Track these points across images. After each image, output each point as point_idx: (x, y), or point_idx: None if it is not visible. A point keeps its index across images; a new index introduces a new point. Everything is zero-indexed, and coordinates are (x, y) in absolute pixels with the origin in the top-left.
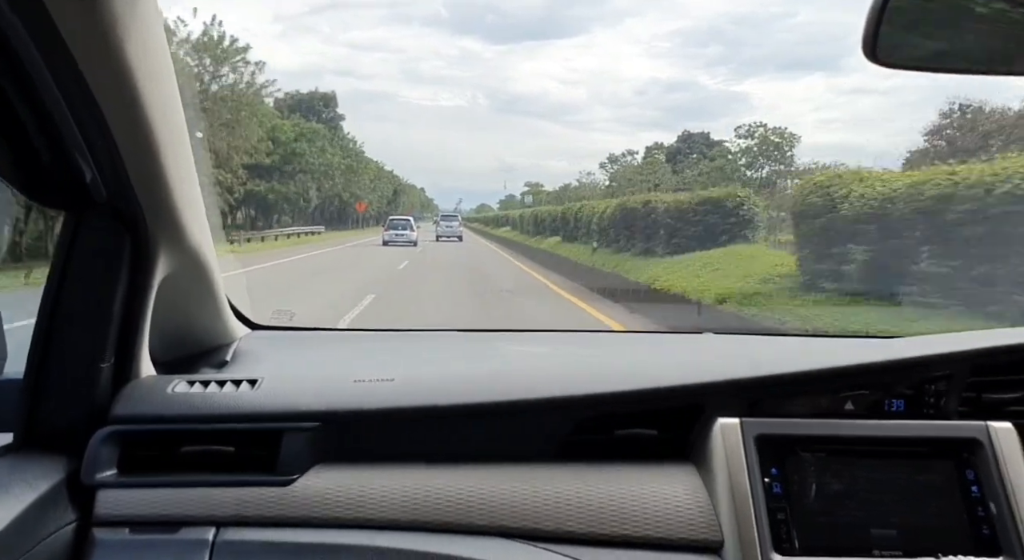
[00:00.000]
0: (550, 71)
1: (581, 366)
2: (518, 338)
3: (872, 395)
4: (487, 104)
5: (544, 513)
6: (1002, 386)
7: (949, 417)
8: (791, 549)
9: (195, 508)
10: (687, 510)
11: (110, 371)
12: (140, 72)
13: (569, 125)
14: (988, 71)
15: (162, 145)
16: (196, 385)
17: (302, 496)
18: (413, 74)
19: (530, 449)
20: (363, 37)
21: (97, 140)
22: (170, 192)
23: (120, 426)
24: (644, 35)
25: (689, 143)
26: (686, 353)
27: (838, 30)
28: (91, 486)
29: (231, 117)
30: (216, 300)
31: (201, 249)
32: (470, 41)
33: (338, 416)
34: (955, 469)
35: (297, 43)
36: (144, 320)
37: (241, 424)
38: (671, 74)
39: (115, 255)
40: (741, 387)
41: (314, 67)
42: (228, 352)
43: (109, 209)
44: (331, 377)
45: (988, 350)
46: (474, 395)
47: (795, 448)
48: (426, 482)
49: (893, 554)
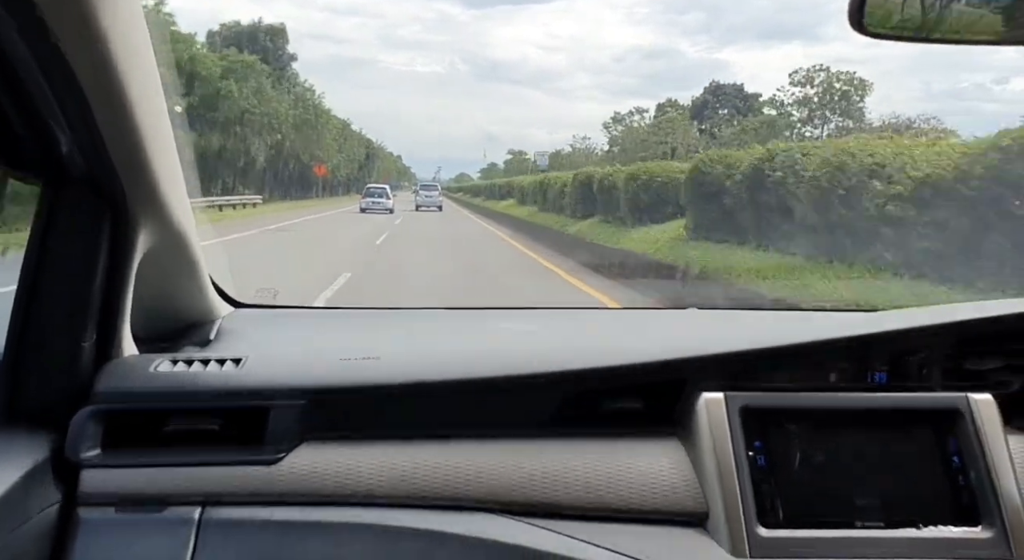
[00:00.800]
0: (530, 37)
1: (568, 342)
2: (505, 315)
3: (855, 367)
4: (466, 70)
5: (532, 487)
6: (983, 357)
7: (931, 388)
8: (775, 520)
9: (181, 486)
10: (672, 482)
11: (92, 349)
12: (117, 43)
13: (550, 92)
14: (973, 41)
15: (141, 117)
16: (180, 364)
17: (289, 473)
18: (391, 39)
19: (518, 424)
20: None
21: (73, 111)
22: (150, 166)
23: (103, 404)
24: (624, 1)
25: (719, 96)
26: (671, 328)
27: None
28: (75, 464)
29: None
30: (199, 278)
31: (182, 225)
32: (448, 4)
33: (325, 393)
34: (936, 439)
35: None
36: (125, 297)
37: (227, 402)
38: (651, 41)
39: (95, 230)
40: (725, 361)
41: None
42: (212, 330)
43: (87, 183)
44: (317, 355)
45: (969, 322)
46: (461, 372)
47: (779, 420)
48: (414, 458)
49: (875, 524)
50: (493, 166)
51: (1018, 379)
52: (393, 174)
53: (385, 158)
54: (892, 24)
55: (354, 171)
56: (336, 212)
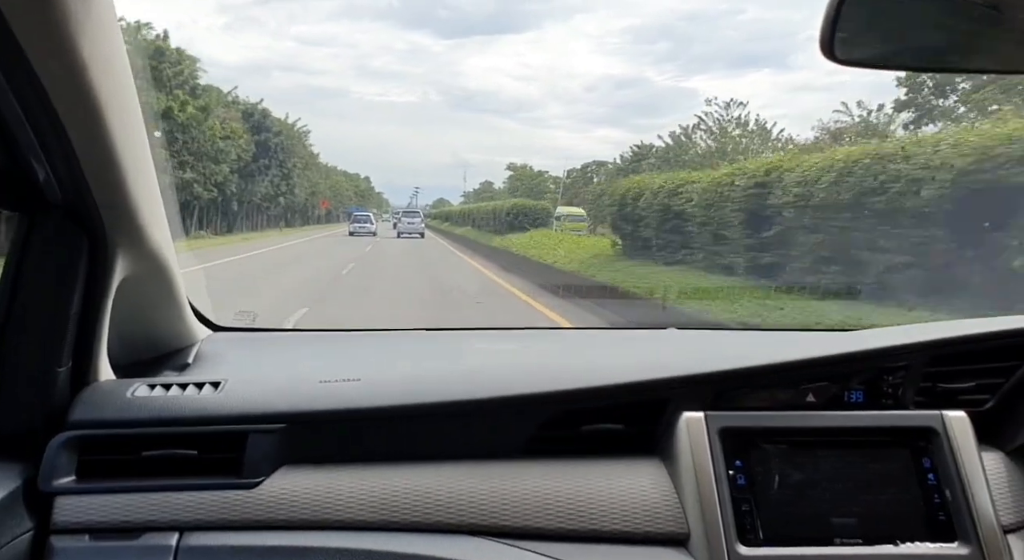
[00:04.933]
0: (503, 67)
1: (547, 363)
2: (484, 336)
3: (832, 387)
4: (440, 100)
5: (513, 510)
6: (957, 376)
7: (906, 407)
8: (756, 540)
9: (157, 513)
10: (654, 504)
11: (67, 375)
12: (95, 70)
13: (524, 122)
14: (940, 68)
15: (119, 144)
16: (157, 388)
17: (268, 498)
18: (364, 70)
19: (498, 446)
20: (313, 31)
21: (51, 139)
22: (128, 192)
23: (78, 431)
24: (595, 31)
25: (647, 153)
26: (651, 348)
27: (785, 27)
28: (49, 493)
29: None
30: (177, 302)
31: (161, 250)
32: (420, 35)
33: (304, 417)
34: (912, 457)
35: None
36: (102, 323)
37: (204, 427)
38: (622, 70)
39: (71, 257)
40: (705, 381)
41: (262, 62)
42: (190, 354)
43: (64, 210)
44: (296, 378)
45: (943, 341)
46: (441, 394)
47: (758, 440)
48: (394, 482)
49: (853, 541)
50: (488, 184)
51: (991, 397)
52: (355, 200)
53: (353, 185)
54: (862, 52)
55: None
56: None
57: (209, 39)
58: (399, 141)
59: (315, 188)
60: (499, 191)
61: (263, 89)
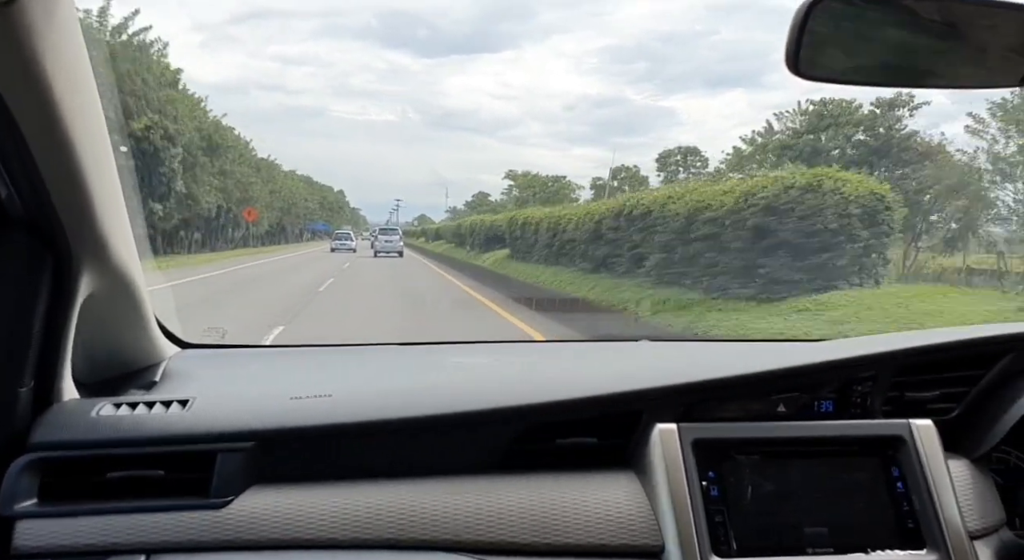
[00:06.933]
0: (483, 86)
1: (520, 376)
2: (456, 350)
3: (802, 397)
4: (419, 119)
5: (487, 525)
6: (923, 385)
7: (874, 416)
8: (729, 551)
9: (123, 536)
10: (628, 516)
11: (29, 395)
12: (58, 83)
13: (504, 140)
14: (898, 84)
15: (83, 159)
16: (123, 407)
17: (237, 518)
18: (343, 89)
19: (471, 461)
20: (291, 50)
21: (11, 154)
22: (92, 208)
23: (40, 453)
24: (573, 51)
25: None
26: (623, 361)
27: (759, 47)
28: (9, 518)
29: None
30: (144, 318)
31: (127, 266)
32: (399, 54)
33: (274, 435)
34: (881, 466)
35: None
36: (66, 341)
37: (172, 447)
38: (600, 90)
39: (33, 274)
40: (677, 393)
41: (240, 81)
42: (157, 372)
43: (27, 225)
44: (266, 395)
45: (909, 351)
46: (414, 408)
47: (730, 451)
48: (366, 499)
49: (825, 551)
50: (483, 195)
51: (957, 405)
52: (322, 214)
53: (316, 192)
54: (824, 68)
55: (281, 217)
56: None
57: (185, 56)
58: (378, 159)
59: (247, 193)
60: (497, 203)
61: (241, 108)
